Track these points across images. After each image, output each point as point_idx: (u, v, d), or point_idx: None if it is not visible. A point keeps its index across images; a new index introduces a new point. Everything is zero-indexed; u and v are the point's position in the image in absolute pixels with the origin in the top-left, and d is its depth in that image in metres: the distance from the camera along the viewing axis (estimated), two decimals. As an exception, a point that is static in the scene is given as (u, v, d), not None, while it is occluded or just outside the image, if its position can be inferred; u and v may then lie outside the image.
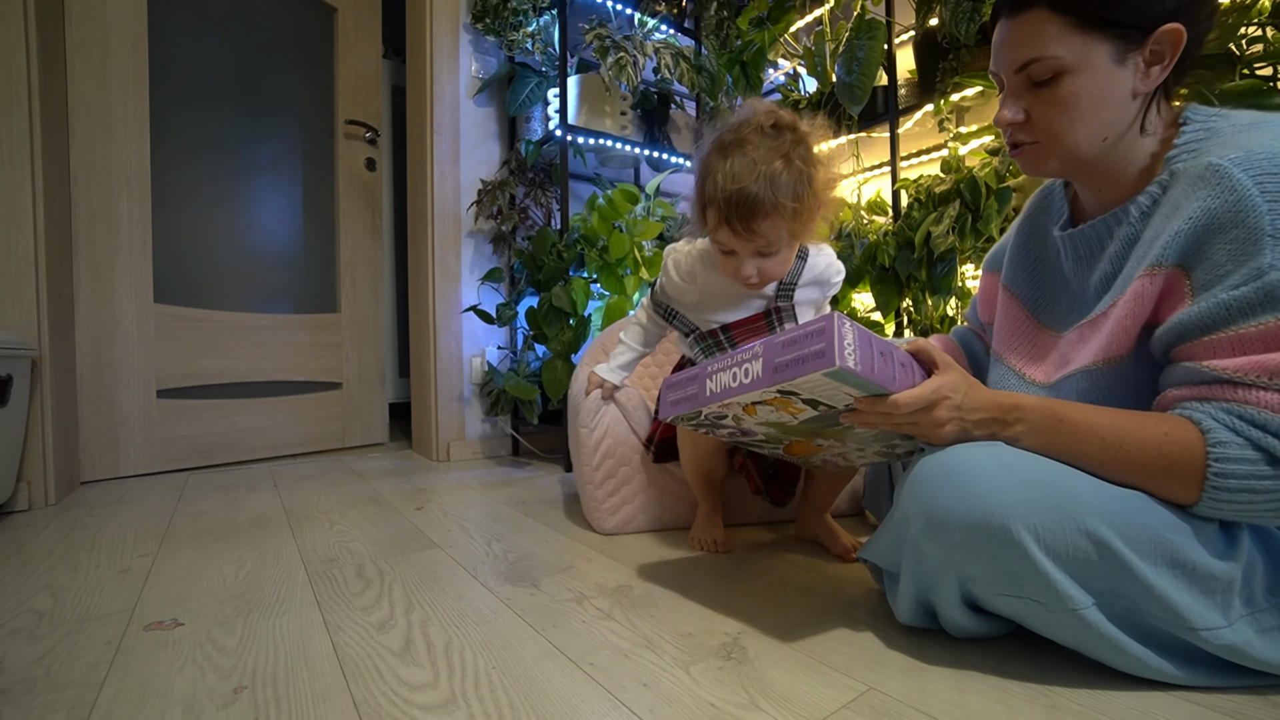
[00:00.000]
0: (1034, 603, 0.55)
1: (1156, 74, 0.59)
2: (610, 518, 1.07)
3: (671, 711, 0.54)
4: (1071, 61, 0.58)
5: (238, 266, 1.84)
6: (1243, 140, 0.54)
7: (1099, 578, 0.53)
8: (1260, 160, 0.51)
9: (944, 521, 0.56)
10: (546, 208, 1.94)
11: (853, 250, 1.52)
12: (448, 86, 1.84)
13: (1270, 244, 0.50)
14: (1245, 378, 0.51)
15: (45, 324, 1.29)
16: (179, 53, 1.71)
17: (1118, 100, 0.59)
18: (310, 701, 0.56)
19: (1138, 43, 0.58)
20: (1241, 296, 0.51)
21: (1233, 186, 0.51)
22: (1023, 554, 0.53)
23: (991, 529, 0.53)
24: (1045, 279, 0.74)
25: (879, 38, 1.44)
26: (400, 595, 0.81)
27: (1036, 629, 0.58)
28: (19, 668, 0.63)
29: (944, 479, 0.56)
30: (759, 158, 0.76)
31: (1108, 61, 0.58)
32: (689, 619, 0.72)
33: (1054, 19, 0.58)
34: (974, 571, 0.56)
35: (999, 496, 0.53)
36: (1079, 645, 0.57)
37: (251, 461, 1.84)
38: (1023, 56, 0.61)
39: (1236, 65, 0.92)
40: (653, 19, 1.86)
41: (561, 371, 1.59)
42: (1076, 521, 0.52)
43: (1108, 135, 0.61)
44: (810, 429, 0.71)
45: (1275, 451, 0.50)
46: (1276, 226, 0.50)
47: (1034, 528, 0.52)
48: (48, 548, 1.02)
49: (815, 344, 0.57)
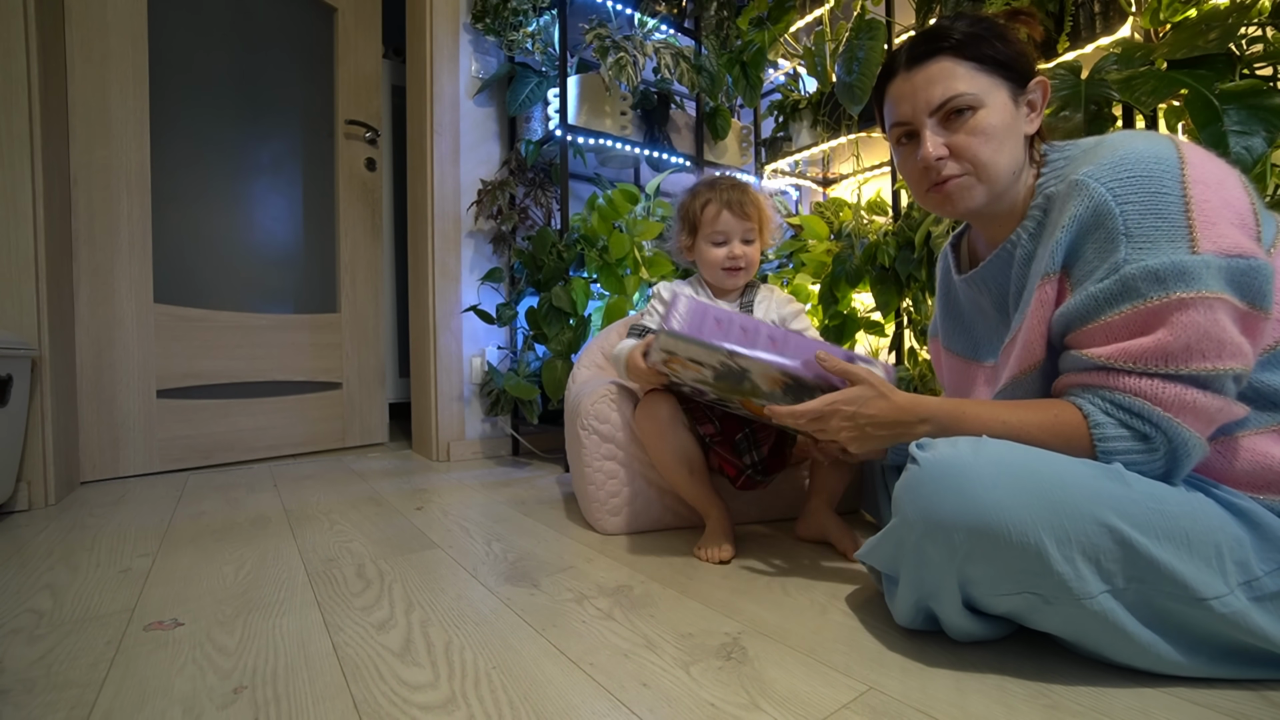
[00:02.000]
0: (1034, 596, 0.56)
1: (1034, 120, 0.69)
2: (611, 518, 1.07)
3: (671, 711, 0.54)
4: (983, 97, 0.66)
5: (238, 266, 1.84)
6: (1091, 157, 0.62)
7: (1109, 561, 0.54)
8: (1107, 170, 0.59)
9: (944, 525, 0.56)
10: (546, 208, 1.94)
11: (853, 250, 1.52)
12: (448, 86, 1.84)
13: (1124, 241, 0.57)
14: (1114, 363, 0.58)
15: (45, 324, 1.29)
16: (179, 52, 1.71)
17: (1017, 136, 0.68)
18: (310, 701, 0.56)
19: (1022, 88, 0.68)
20: (1105, 289, 0.58)
21: (1091, 194, 0.59)
22: (1027, 549, 0.54)
23: (993, 530, 0.54)
24: (971, 325, 0.83)
25: (879, 38, 1.44)
26: (400, 595, 0.81)
27: (1034, 624, 0.60)
28: (19, 668, 0.63)
29: (941, 483, 0.57)
30: (730, 181, 1.05)
31: (1008, 100, 0.67)
32: (689, 619, 0.72)
33: (959, 64, 0.67)
34: (975, 573, 0.57)
35: (996, 495, 0.55)
36: (1079, 636, 0.58)
37: (251, 461, 1.84)
38: (938, 96, 0.67)
39: (1236, 65, 0.92)
40: (653, 19, 1.86)
41: (561, 371, 1.59)
42: (1077, 510, 0.54)
43: (1015, 168, 0.68)
44: (728, 387, 0.82)
45: (1140, 430, 0.58)
46: (1128, 226, 0.57)
47: (1036, 522, 0.54)
48: (48, 548, 1.02)
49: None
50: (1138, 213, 0.56)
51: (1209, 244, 0.55)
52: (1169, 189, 0.56)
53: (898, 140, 0.73)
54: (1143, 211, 0.56)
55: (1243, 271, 0.55)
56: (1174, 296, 0.55)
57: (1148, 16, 1.02)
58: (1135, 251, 0.56)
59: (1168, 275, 0.55)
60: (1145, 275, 0.56)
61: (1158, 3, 1.00)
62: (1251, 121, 0.84)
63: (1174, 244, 0.55)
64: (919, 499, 0.58)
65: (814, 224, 1.70)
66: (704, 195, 1.05)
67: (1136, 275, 0.56)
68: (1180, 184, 0.56)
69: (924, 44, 0.69)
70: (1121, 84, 0.95)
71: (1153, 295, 0.55)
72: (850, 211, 1.68)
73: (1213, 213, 0.55)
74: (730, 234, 1.03)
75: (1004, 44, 0.67)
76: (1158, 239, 0.56)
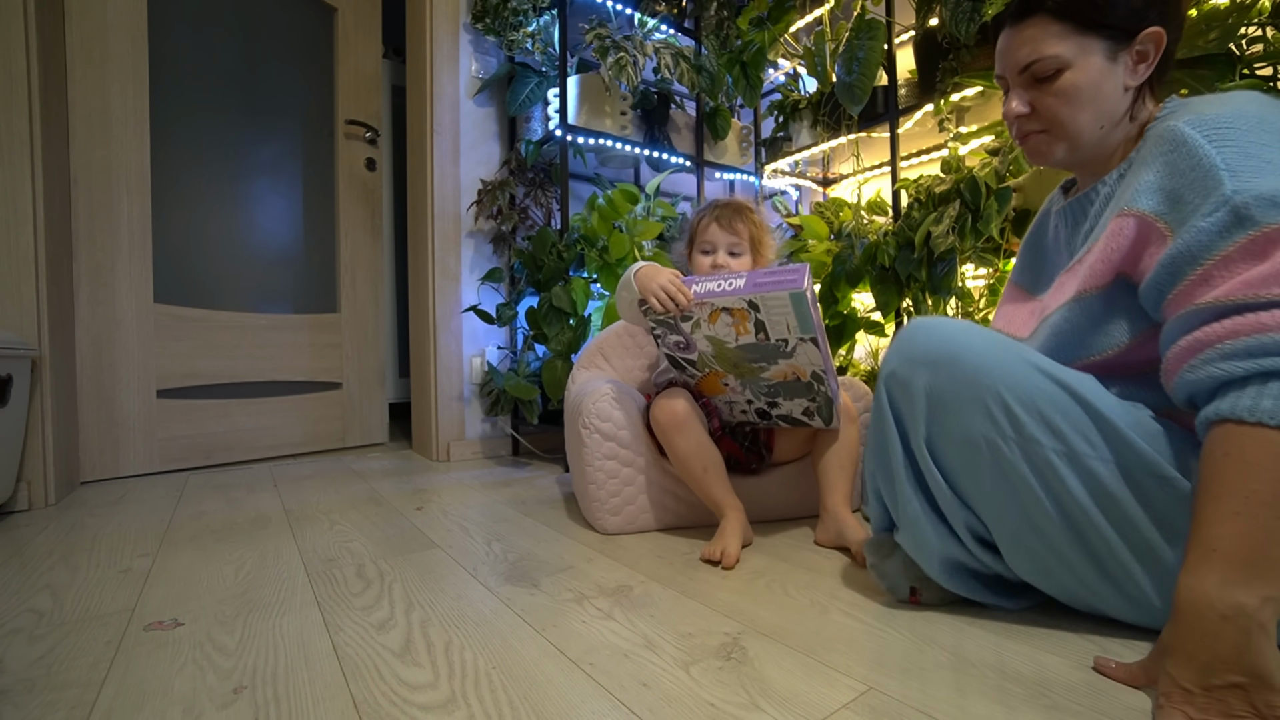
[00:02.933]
0: (988, 439, 0.62)
1: (1143, 70, 0.67)
2: (612, 517, 1.07)
3: (671, 711, 0.54)
4: (1070, 58, 0.67)
5: (238, 266, 1.84)
6: (1197, 106, 0.61)
7: (1064, 418, 0.60)
8: (1207, 119, 0.58)
9: (916, 359, 0.65)
10: (546, 208, 1.94)
11: (853, 250, 1.52)
12: (448, 86, 1.84)
13: (1228, 177, 0.54)
14: (1234, 299, 0.52)
15: (45, 324, 1.29)
16: (179, 53, 1.71)
17: (1111, 92, 0.67)
18: (310, 701, 0.56)
19: (1126, 43, 0.66)
20: (1216, 221, 0.54)
21: (1184, 139, 0.58)
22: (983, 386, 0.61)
23: (959, 358, 0.63)
24: (1043, 259, 0.83)
25: (879, 38, 1.44)
26: (400, 595, 0.81)
27: (989, 483, 0.63)
28: (19, 668, 0.63)
29: (918, 329, 0.67)
30: (735, 202, 1.12)
31: (1101, 59, 0.67)
32: (689, 619, 0.72)
33: (1055, 23, 0.67)
34: (939, 398, 0.64)
35: (964, 338, 0.64)
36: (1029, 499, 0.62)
37: (251, 461, 1.84)
38: (1026, 57, 0.69)
39: (1236, 65, 0.92)
40: (653, 19, 1.86)
41: (561, 371, 1.59)
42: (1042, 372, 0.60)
43: (1104, 124, 0.69)
44: (737, 357, 0.96)
45: None
46: (1227, 162, 0.55)
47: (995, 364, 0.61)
48: (48, 548, 1.02)
49: (791, 275, 0.85)
50: (1237, 154, 0.55)
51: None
52: (1271, 141, 0.55)
53: (1004, 90, 0.75)
54: (1242, 155, 0.55)
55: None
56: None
57: (1148, 16, 1.02)
58: (1243, 183, 0.53)
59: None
60: (1259, 201, 0.52)
61: (1158, 3, 1.00)
62: (1252, 121, 0.84)
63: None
64: (900, 345, 0.68)
65: (814, 224, 1.69)
66: (703, 210, 1.14)
67: (1250, 202, 0.52)
68: None
69: (1024, 1, 0.69)
70: (1121, 84, 0.95)
71: (1269, 220, 0.51)
72: (850, 211, 1.68)
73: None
74: (716, 245, 1.09)
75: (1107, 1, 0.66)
76: (1264, 171, 0.53)
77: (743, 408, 1.07)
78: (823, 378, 0.95)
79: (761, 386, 1.00)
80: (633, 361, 1.37)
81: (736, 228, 1.08)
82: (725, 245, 1.09)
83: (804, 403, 1.00)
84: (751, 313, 0.89)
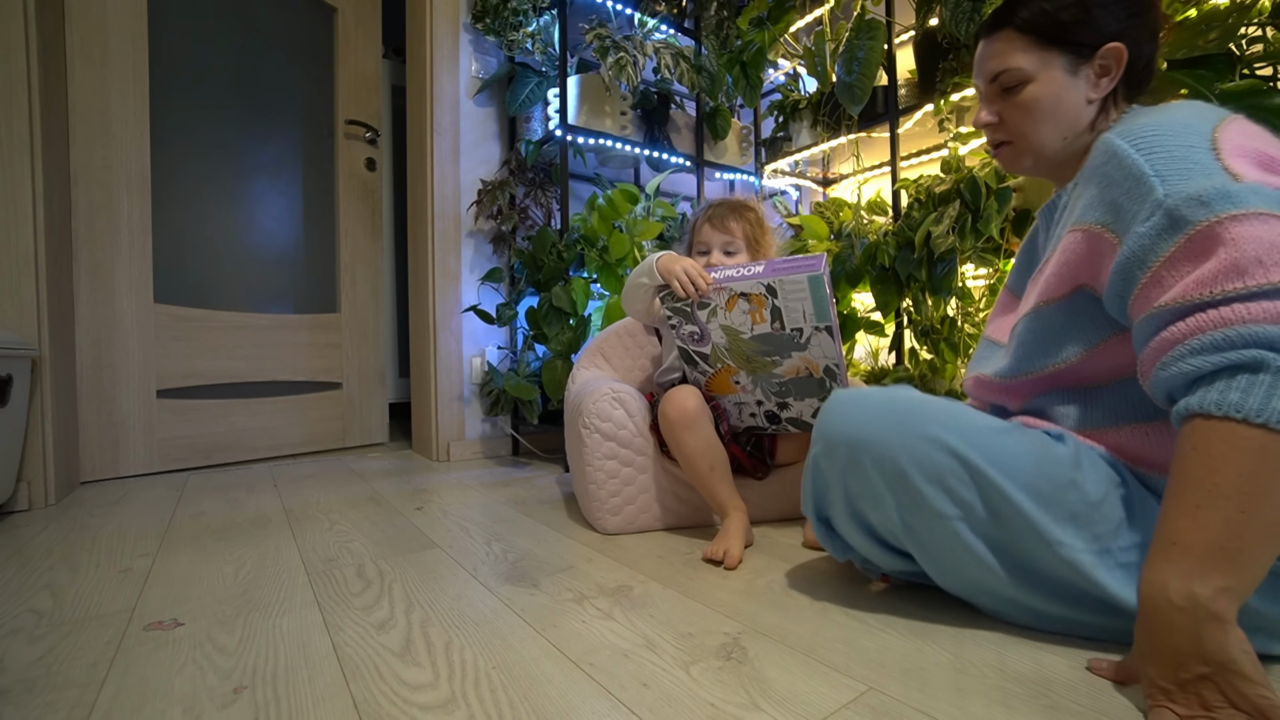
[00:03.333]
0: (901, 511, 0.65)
1: (1105, 84, 0.69)
2: (612, 517, 1.07)
3: (671, 711, 0.54)
4: (1033, 71, 0.70)
5: (238, 266, 1.84)
6: (1131, 119, 0.64)
7: (965, 489, 0.62)
8: (1135, 130, 0.60)
9: (832, 440, 0.69)
10: (546, 208, 1.94)
11: (853, 250, 1.52)
12: (448, 86, 1.84)
13: (1157, 181, 0.56)
14: (1189, 299, 0.51)
15: (45, 324, 1.29)
16: (179, 53, 1.71)
17: (1073, 105, 0.70)
18: (310, 701, 0.56)
19: (1087, 57, 0.69)
20: (1153, 225, 0.56)
21: (1115, 151, 0.60)
22: (886, 465, 0.65)
23: (863, 444, 0.66)
24: (1032, 260, 0.83)
25: (879, 38, 1.44)
26: (400, 595, 0.81)
27: (912, 547, 0.68)
28: (19, 668, 0.63)
29: (834, 408, 0.71)
30: (732, 200, 1.13)
31: (1062, 73, 0.69)
32: (689, 619, 0.72)
33: (1020, 37, 0.71)
34: (855, 485, 0.69)
35: (869, 416, 0.67)
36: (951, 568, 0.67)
37: (251, 461, 1.84)
38: (993, 68, 0.73)
39: (1236, 65, 0.92)
40: (653, 19, 1.86)
41: (561, 371, 1.59)
42: (936, 440, 0.63)
43: (1067, 134, 0.71)
44: (750, 349, 0.97)
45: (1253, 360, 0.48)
46: (1155, 169, 0.56)
47: (894, 442, 0.64)
48: (48, 548, 1.02)
49: (809, 261, 0.88)
50: (1164, 160, 0.56)
51: (1252, 176, 0.53)
52: (1196, 144, 0.56)
53: (980, 95, 0.78)
54: (1170, 159, 0.56)
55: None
56: (1223, 214, 0.51)
57: (1148, 16, 1.02)
58: (1172, 187, 0.55)
59: (1212, 198, 0.52)
60: (1188, 201, 0.53)
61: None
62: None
63: (1209, 177, 0.53)
64: (821, 423, 0.72)
65: (814, 224, 1.69)
66: (700, 211, 1.15)
67: (1180, 204, 0.54)
68: (1209, 141, 0.56)
69: (999, 14, 0.73)
70: (1121, 84, 0.95)
71: (1200, 219, 0.52)
72: (850, 211, 1.68)
73: (1245, 163, 0.54)
74: (711, 244, 1.10)
75: (1074, 10, 0.68)
76: (1191, 174, 0.54)
77: (752, 410, 1.07)
78: (835, 373, 0.95)
79: (773, 385, 1.00)
80: (633, 361, 1.37)
81: (730, 226, 1.08)
82: (719, 244, 1.09)
83: (814, 403, 1.00)
84: (769, 298, 0.91)
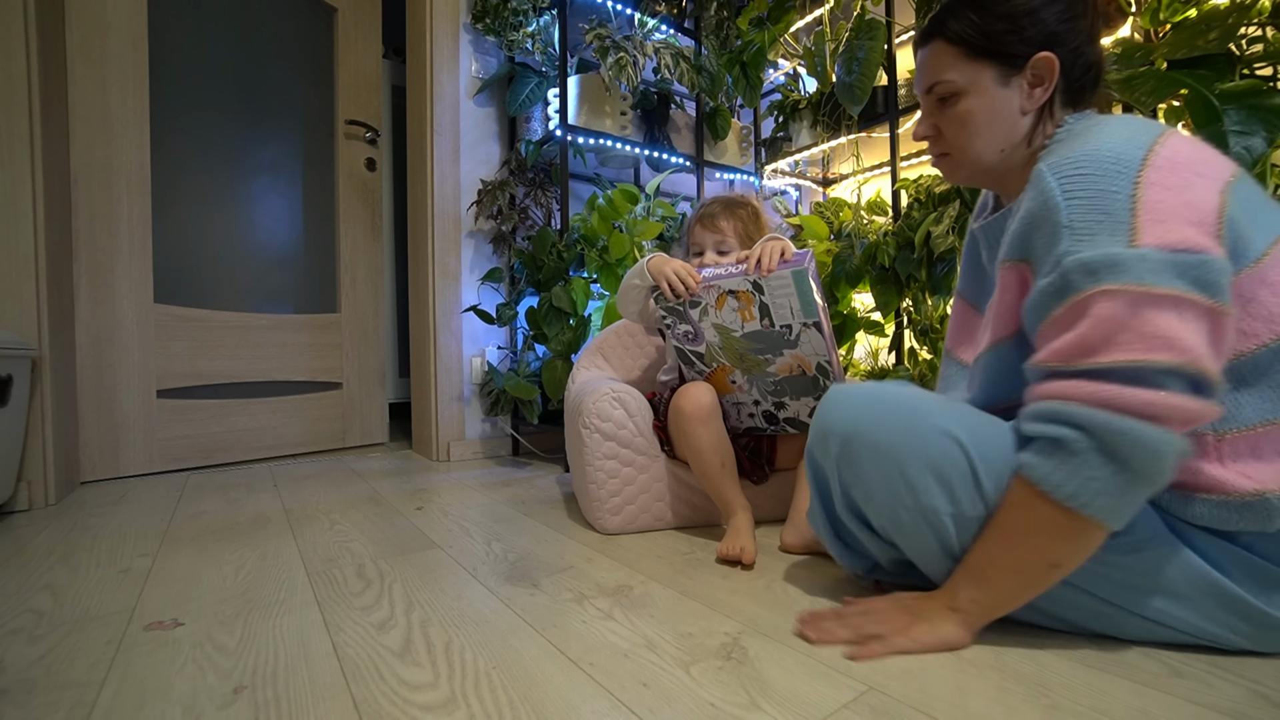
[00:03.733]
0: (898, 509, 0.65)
1: (1039, 94, 0.68)
2: (612, 517, 1.07)
3: (671, 711, 0.54)
4: (964, 84, 0.69)
5: (238, 266, 1.84)
6: (1070, 143, 0.62)
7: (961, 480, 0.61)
8: (1067, 163, 0.58)
9: (826, 432, 0.69)
10: (546, 208, 1.94)
11: (853, 250, 1.52)
12: (448, 86, 1.84)
13: (1066, 234, 0.56)
14: (1046, 366, 0.57)
15: (45, 324, 1.29)
16: (179, 53, 1.71)
17: (1007, 117, 0.69)
18: (310, 701, 0.56)
19: (1019, 68, 0.67)
20: (1049, 284, 0.58)
21: (1044, 188, 0.59)
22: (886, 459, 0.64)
23: (860, 437, 0.65)
24: (979, 272, 0.83)
25: (879, 38, 1.44)
26: (400, 595, 0.81)
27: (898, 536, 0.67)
28: (19, 668, 0.63)
29: (831, 402, 0.70)
30: (724, 197, 1.13)
31: (993, 84, 0.68)
32: (689, 619, 0.72)
33: (949, 49, 0.70)
34: (849, 478, 0.68)
35: (867, 411, 0.66)
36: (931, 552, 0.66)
37: (251, 461, 1.84)
38: (928, 80, 0.72)
39: (1236, 65, 0.92)
40: (653, 19, 1.86)
41: (561, 371, 1.59)
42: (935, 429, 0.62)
43: (1004, 147, 0.70)
44: (743, 347, 0.97)
45: (1058, 436, 0.55)
46: (1071, 219, 0.56)
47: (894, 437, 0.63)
48: (48, 548, 1.02)
49: (795, 258, 0.88)
50: (1082, 208, 0.56)
51: (1151, 239, 0.53)
52: (1119, 187, 0.55)
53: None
54: (1087, 207, 0.56)
55: (1194, 265, 0.52)
56: (1100, 288, 0.53)
57: (1148, 16, 1.02)
58: (1074, 244, 0.56)
59: (1099, 267, 0.54)
60: (1079, 267, 0.55)
61: (1158, 3, 1.00)
62: (1251, 121, 0.84)
63: (1113, 237, 0.54)
64: (817, 416, 0.71)
65: (814, 224, 1.69)
66: (694, 211, 1.14)
67: (1071, 268, 0.55)
68: (1133, 184, 0.55)
69: (931, 24, 0.72)
70: (1121, 84, 0.95)
71: (1083, 289, 0.54)
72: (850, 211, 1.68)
73: (1164, 211, 0.54)
74: (703, 245, 1.09)
75: (1002, 22, 0.67)
76: (1098, 232, 0.55)
77: (750, 410, 1.07)
78: (828, 370, 0.94)
79: (768, 384, 1.00)
80: (633, 361, 1.37)
81: (720, 225, 1.08)
82: (711, 244, 1.09)
83: (810, 402, 1.00)
84: (756, 295, 0.91)
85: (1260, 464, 0.56)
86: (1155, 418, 0.51)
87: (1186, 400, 0.51)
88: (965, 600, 0.63)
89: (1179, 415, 0.51)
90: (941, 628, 0.63)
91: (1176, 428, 0.52)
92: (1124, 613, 0.62)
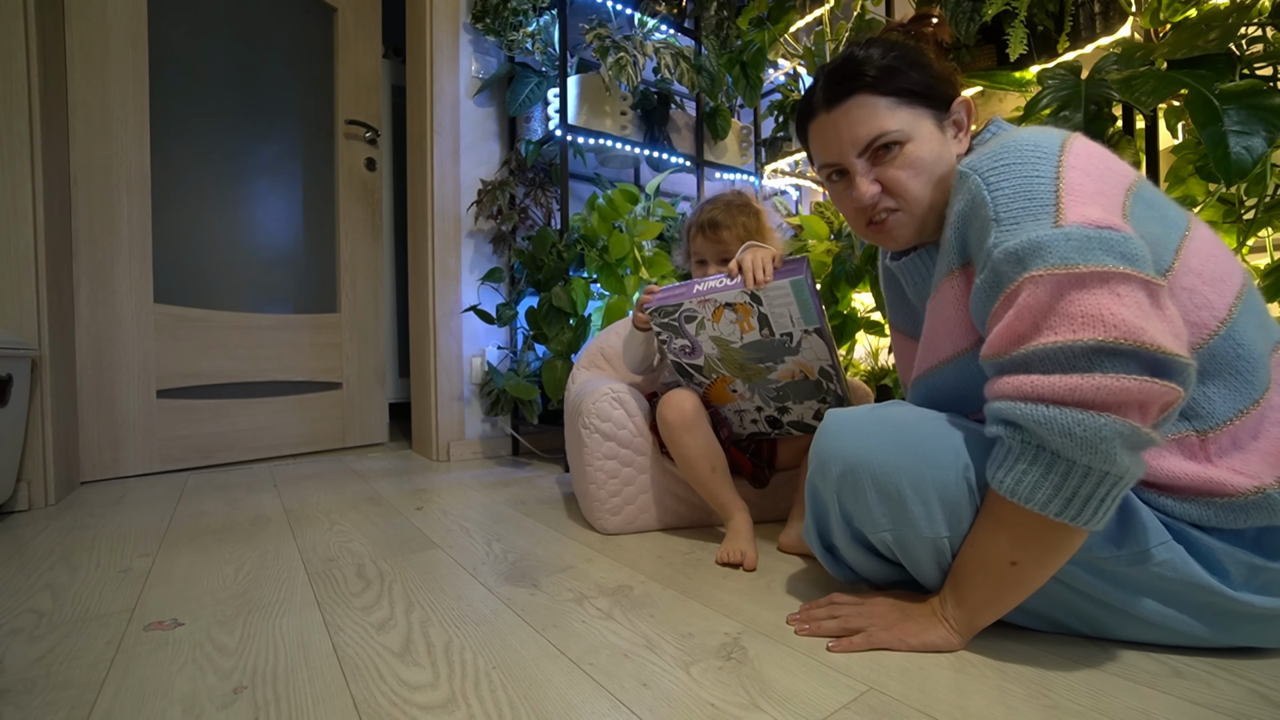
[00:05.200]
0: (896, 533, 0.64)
1: (963, 138, 0.69)
2: (612, 517, 1.07)
3: (671, 711, 0.54)
4: (909, 131, 0.66)
5: (238, 266, 1.84)
6: (986, 145, 0.61)
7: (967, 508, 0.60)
8: (984, 160, 0.59)
9: (825, 460, 0.67)
10: (546, 208, 1.94)
11: (853, 250, 1.52)
12: (448, 86, 1.84)
13: (994, 227, 0.56)
14: (988, 361, 0.56)
15: (45, 324, 1.29)
16: (179, 53, 1.71)
17: (947, 160, 0.67)
18: (310, 701, 0.56)
19: (945, 111, 0.67)
20: (984, 281, 0.57)
21: (969, 186, 0.59)
22: (887, 487, 0.62)
23: (860, 466, 0.63)
24: (907, 305, 0.83)
25: (879, 38, 1.44)
26: (400, 595, 0.81)
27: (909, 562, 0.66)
28: (19, 668, 0.63)
29: (829, 429, 0.68)
30: (724, 200, 1.08)
31: (933, 128, 0.67)
32: (689, 619, 0.72)
33: (879, 98, 0.66)
34: (850, 506, 0.66)
35: (868, 440, 0.64)
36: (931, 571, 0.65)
37: (251, 461, 1.84)
38: (867, 135, 0.66)
39: (1236, 65, 0.92)
40: (653, 19, 1.86)
41: (561, 371, 1.59)
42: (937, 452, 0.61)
43: (938, 189, 0.68)
44: (743, 357, 0.95)
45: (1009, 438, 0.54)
46: (997, 210, 0.56)
47: (896, 465, 0.62)
48: (48, 548, 1.02)
49: (792, 265, 0.86)
50: (1007, 196, 0.55)
51: (1076, 216, 0.52)
52: (1041, 172, 0.55)
53: (828, 178, 0.73)
54: (1012, 194, 0.55)
55: (1119, 241, 0.51)
56: (1028, 274, 0.52)
57: (1148, 16, 1.02)
58: (1001, 235, 0.55)
59: (1025, 254, 0.53)
60: (1007, 258, 0.54)
61: (1158, 3, 1.00)
62: (1251, 121, 0.84)
63: (1037, 221, 0.53)
64: (816, 444, 0.69)
65: (814, 224, 1.69)
66: (692, 215, 1.11)
67: (1000, 260, 0.54)
68: (1055, 166, 0.55)
69: (840, 82, 0.67)
70: (1121, 84, 0.95)
71: (1013, 278, 0.54)
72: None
73: (1086, 192, 0.53)
74: (705, 256, 1.06)
75: (920, 71, 0.66)
76: (1022, 219, 0.54)
77: (753, 416, 1.05)
78: (831, 374, 0.93)
79: (770, 390, 0.99)
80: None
81: (721, 236, 1.03)
82: (714, 256, 1.05)
83: (814, 405, 0.99)
84: (754, 306, 0.89)
85: (1245, 455, 0.56)
86: (1084, 403, 0.49)
87: (1129, 381, 0.48)
88: (950, 606, 0.63)
89: (1120, 398, 0.48)
90: (930, 632, 0.63)
91: (1125, 412, 0.48)
92: (1121, 615, 0.61)
